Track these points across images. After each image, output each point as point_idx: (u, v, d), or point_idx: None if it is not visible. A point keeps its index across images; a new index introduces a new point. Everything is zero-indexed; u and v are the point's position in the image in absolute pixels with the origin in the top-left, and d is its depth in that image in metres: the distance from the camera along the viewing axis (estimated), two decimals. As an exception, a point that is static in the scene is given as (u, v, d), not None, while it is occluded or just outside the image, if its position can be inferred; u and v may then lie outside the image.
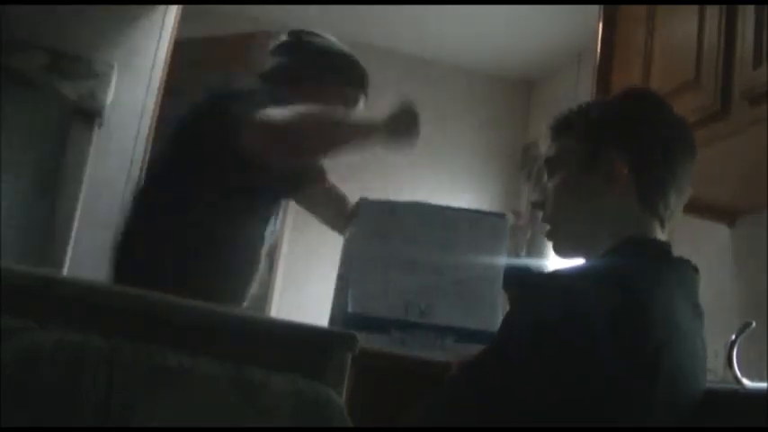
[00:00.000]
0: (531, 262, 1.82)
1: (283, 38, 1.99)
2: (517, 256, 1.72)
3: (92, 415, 0.89)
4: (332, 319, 1.69)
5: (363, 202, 1.66)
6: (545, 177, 1.30)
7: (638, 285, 1.09)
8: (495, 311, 1.61)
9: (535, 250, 1.91)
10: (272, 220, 1.93)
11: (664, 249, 1.20)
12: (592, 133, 1.23)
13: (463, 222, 1.66)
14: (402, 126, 1.71)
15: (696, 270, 1.21)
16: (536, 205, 1.30)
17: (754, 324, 1.40)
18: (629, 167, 1.19)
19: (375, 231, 1.62)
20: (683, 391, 1.10)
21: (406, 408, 1.34)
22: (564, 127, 1.27)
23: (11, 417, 0.86)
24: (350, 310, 1.57)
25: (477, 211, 1.72)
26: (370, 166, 4.26)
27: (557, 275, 1.17)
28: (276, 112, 1.69)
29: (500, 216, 1.69)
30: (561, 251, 1.28)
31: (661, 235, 1.21)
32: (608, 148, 1.20)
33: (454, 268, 1.63)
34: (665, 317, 1.08)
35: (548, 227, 1.28)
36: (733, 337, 1.42)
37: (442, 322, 1.57)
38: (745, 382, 1.41)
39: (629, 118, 1.23)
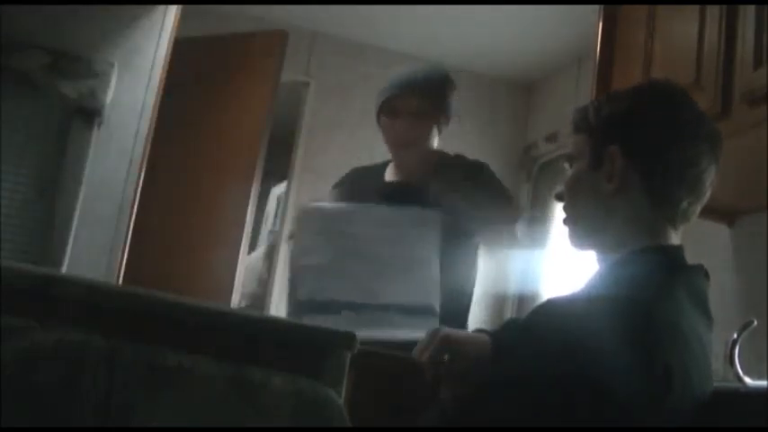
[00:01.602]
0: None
1: None
2: None
3: (92, 415, 0.88)
4: (288, 313, 1.87)
5: (309, 208, 1.95)
6: (568, 169, 1.30)
7: (648, 304, 1.07)
8: (434, 286, 1.82)
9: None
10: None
11: (675, 258, 1.18)
12: (600, 129, 1.22)
13: (401, 217, 1.89)
14: None
15: (707, 275, 1.19)
16: (558, 197, 1.30)
17: (755, 323, 1.40)
18: (635, 166, 1.18)
19: (323, 231, 1.86)
20: (689, 401, 1.09)
21: (406, 408, 1.34)
22: (581, 121, 1.27)
23: (11, 417, 0.86)
24: (300, 297, 1.78)
25: (411, 208, 1.90)
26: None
27: (566, 300, 1.16)
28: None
29: (432, 210, 1.88)
30: (574, 243, 1.28)
31: (673, 237, 1.20)
32: (612, 145, 1.19)
33: (395, 255, 1.85)
34: (674, 332, 1.07)
35: (564, 216, 1.29)
36: (735, 335, 1.42)
37: (387, 301, 1.77)
38: (747, 380, 1.41)
39: (638, 115, 1.20)
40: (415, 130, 2.07)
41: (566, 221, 1.28)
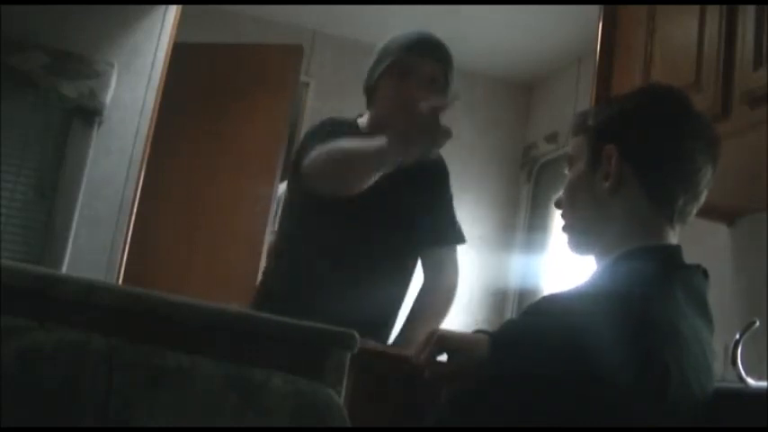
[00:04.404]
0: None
1: None
2: None
3: (92, 415, 0.88)
4: None
5: None
6: (567, 173, 1.30)
7: (645, 303, 1.07)
8: None
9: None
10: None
11: (673, 257, 1.18)
12: (599, 131, 1.23)
13: None
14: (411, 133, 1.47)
15: (706, 274, 1.19)
16: (557, 205, 1.30)
17: (757, 323, 1.40)
18: (631, 164, 1.18)
19: None
20: (688, 399, 1.09)
21: (406, 408, 1.34)
22: (580, 124, 1.27)
23: (11, 417, 0.86)
24: None
25: None
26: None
27: (562, 298, 1.16)
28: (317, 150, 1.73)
29: None
30: (573, 247, 1.28)
31: (671, 236, 1.20)
32: (608, 144, 1.20)
33: None
34: (671, 331, 1.07)
35: (563, 222, 1.29)
36: (737, 336, 1.42)
37: None
38: (749, 381, 1.41)
39: (637, 116, 1.21)
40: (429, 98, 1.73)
41: (564, 228, 1.28)
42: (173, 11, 3.18)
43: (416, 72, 1.81)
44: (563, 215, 1.28)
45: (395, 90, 1.80)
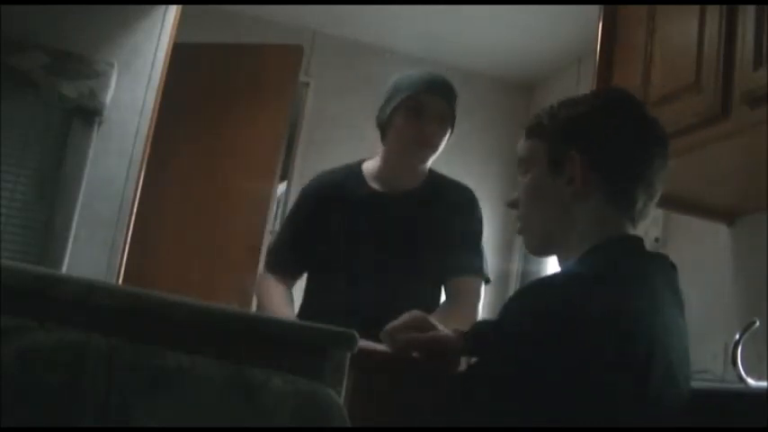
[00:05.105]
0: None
1: None
2: None
3: (92, 415, 0.88)
4: None
5: None
6: (519, 177, 1.31)
7: (626, 285, 1.09)
8: None
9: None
10: None
11: (640, 246, 1.21)
12: (557, 134, 1.24)
13: None
14: None
15: (673, 266, 1.21)
16: (512, 205, 1.31)
17: (757, 323, 1.40)
18: (594, 168, 1.19)
19: None
20: (672, 384, 1.10)
21: (406, 408, 1.34)
22: (535, 126, 1.28)
23: (11, 416, 0.86)
24: None
25: None
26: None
27: (543, 283, 1.17)
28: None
29: None
30: (533, 250, 1.29)
31: (633, 233, 1.22)
32: (571, 149, 1.21)
33: None
34: (653, 313, 1.09)
35: (520, 225, 1.30)
36: (737, 336, 1.42)
37: None
38: (749, 381, 1.41)
39: (594, 118, 1.23)
40: (440, 134, 1.97)
41: (522, 230, 1.29)
42: (173, 11, 3.18)
43: (428, 110, 1.95)
44: (520, 218, 1.29)
45: (408, 124, 1.96)
